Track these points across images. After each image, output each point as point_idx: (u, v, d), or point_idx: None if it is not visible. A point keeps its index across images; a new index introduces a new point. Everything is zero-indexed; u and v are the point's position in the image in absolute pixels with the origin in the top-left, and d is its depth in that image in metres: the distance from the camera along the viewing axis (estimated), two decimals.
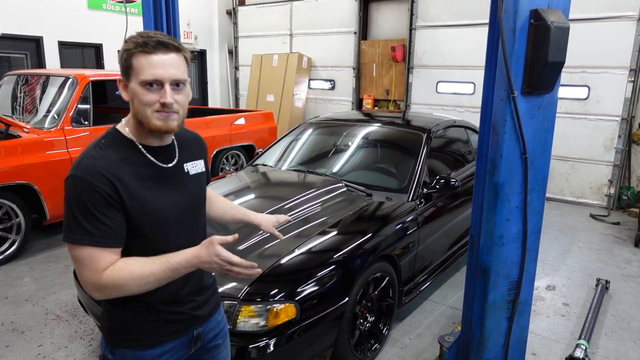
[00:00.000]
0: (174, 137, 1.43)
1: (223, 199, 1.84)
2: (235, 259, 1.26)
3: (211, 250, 1.26)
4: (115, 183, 1.24)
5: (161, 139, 1.37)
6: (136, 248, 1.30)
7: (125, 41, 1.27)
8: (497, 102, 2.10)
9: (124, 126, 1.36)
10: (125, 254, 1.29)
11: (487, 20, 2.25)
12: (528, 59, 2.01)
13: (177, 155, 1.42)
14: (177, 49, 1.27)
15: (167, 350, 1.42)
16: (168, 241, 1.36)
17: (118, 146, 1.31)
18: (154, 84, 1.24)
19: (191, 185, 1.45)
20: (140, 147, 1.33)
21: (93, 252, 1.22)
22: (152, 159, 1.34)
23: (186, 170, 1.44)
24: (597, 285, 3.76)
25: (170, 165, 1.38)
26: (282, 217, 1.85)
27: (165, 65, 1.24)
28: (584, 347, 2.73)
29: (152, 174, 1.34)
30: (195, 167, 1.48)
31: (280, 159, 4.00)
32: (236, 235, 1.32)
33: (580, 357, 2.64)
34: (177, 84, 1.28)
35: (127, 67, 1.26)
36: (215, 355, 1.60)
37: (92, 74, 4.94)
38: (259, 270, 1.33)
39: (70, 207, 1.23)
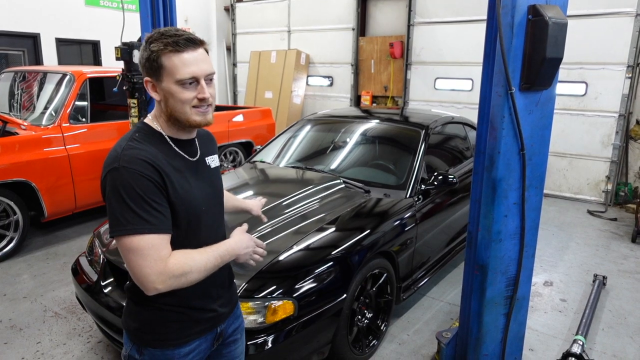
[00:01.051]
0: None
1: None
2: (260, 241, 1.53)
3: (246, 236, 1.46)
4: (160, 171, 1.26)
5: (189, 133, 1.40)
6: (176, 238, 1.31)
7: (148, 42, 1.27)
8: (495, 98, 2.10)
9: (152, 121, 1.37)
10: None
11: (485, 17, 2.25)
12: (526, 55, 2.00)
13: (199, 149, 1.45)
14: (202, 43, 1.31)
15: (195, 348, 1.44)
16: (199, 231, 1.39)
17: (151, 140, 1.33)
18: (192, 82, 1.27)
19: (214, 178, 1.50)
20: (170, 141, 1.35)
21: (155, 240, 1.22)
22: (181, 152, 1.37)
23: (208, 164, 1.48)
24: (594, 281, 3.77)
25: (195, 158, 1.42)
26: (263, 200, 2.03)
27: (198, 61, 1.27)
28: (581, 343, 2.74)
29: (185, 166, 1.36)
30: (214, 160, 1.52)
31: (278, 156, 3.99)
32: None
33: (578, 352, 2.65)
34: (210, 78, 1.32)
35: (157, 68, 1.26)
36: (233, 350, 1.63)
37: (90, 70, 4.92)
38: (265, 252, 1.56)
39: (120, 198, 1.21)
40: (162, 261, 1.22)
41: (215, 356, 1.59)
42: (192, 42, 1.26)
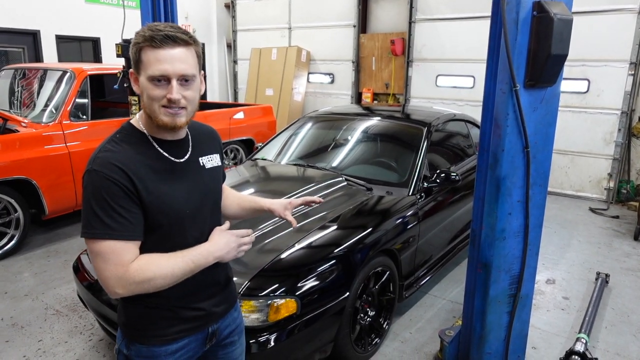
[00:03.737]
0: (188, 131, 1.42)
1: (231, 191, 1.77)
2: (242, 231, 1.41)
3: (225, 235, 1.38)
4: (131, 176, 1.22)
5: (174, 133, 1.35)
6: (153, 243, 1.29)
7: (136, 34, 1.25)
8: (499, 95, 2.08)
9: (138, 120, 1.34)
10: (142, 249, 1.27)
11: (487, 13, 2.23)
12: (531, 51, 1.99)
13: (190, 148, 1.40)
14: (186, 42, 1.24)
15: (183, 346, 1.41)
16: (184, 235, 1.35)
17: (132, 140, 1.30)
18: (161, 80, 1.23)
19: (208, 179, 1.43)
20: (153, 141, 1.32)
21: (115, 246, 1.21)
22: (164, 153, 1.32)
23: (202, 164, 1.43)
24: (597, 279, 3.77)
25: (182, 159, 1.36)
26: (296, 201, 1.75)
27: (173, 60, 1.22)
28: (584, 341, 2.73)
29: (167, 168, 1.32)
30: (211, 160, 1.47)
31: (279, 153, 3.98)
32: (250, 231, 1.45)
33: (581, 350, 2.64)
34: (185, 80, 1.25)
35: (137, 61, 1.25)
36: (230, 352, 1.59)
37: (90, 67, 4.91)
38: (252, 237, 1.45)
39: (88, 201, 1.21)
40: (123, 266, 1.21)
41: (210, 357, 1.56)
42: (171, 39, 1.22)
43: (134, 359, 1.39)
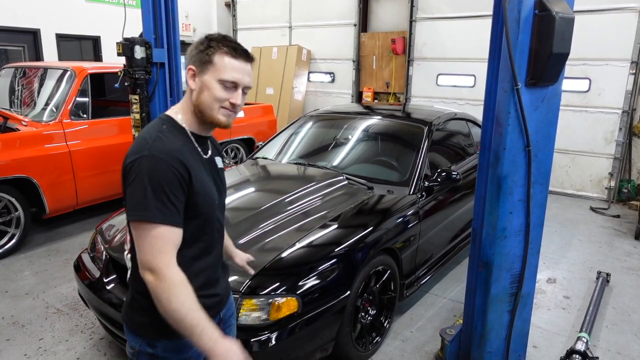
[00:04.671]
0: None
1: None
2: None
3: (239, 353, 1.28)
4: (187, 166, 1.32)
5: (208, 131, 1.46)
6: (192, 228, 1.37)
7: (209, 38, 1.37)
8: (501, 94, 2.08)
9: (177, 113, 1.43)
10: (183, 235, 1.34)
11: (488, 12, 2.24)
12: (532, 50, 1.99)
13: (210, 147, 1.52)
14: (253, 60, 1.42)
15: None
16: (212, 226, 1.45)
17: (176, 133, 1.40)
18: (230, 85, 1.36)
19: (222, 177, 1.58)
20: (191, 136, 1.42)
21: (165, 231, 1.27)
22: (198, 148, 1.43)
23: (217, 163, 1.55)
24: (597, 278, 3.76)
25: (208, 156, 1.48)
26: (251, 258, 1.87)
27: (245, 72, 1.38)
28: (585, 340, 2.73)
29: (201, 162, 1.43)
30: (219, 161, 1.59)
31: (280, 152, 3.98)
32: None
33: (582, 349, 2.64)
34: (245, 91, 1.41)
35: (206, 61, 1.35)
36: (227, 335, 1.61)
37: (91, 66, 4.90)
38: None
39: (142, 184, 1.26)
40: (166, 255, 1.27)
41: None
42: (247, 55, 1.38)
43: (160, 355, 1.41)
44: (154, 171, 1.26)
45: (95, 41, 8.40)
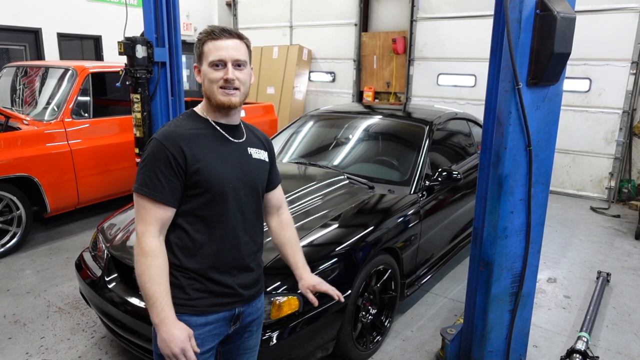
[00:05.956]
0: (243, 126, 1.62)
1: (293, 231, 1.82)
2: (192, 349, 1.40)
3: (185, 331, 1.39)
4: (182, 145, 1.42)
5: (228, 117, 1.55)
6: (198, 206, 1.46)
7: (199, 35, 1.51)
8: (502, 93, 2.08)
9: (200, 109, 1.57)
10: (190, 212, 1.46)
11: (488, 12, 2.25)
12: (533, 50, 1.99)
13: (244, 136, 1.60)
14: (239, 36, 1.50)
15: (211, 322, 1.51)
16: (225, 207, 1.50)
17: (194, 120, 1.53)
18: (219, 64, 1.45)
19: (253, 166, 1.59)
20: (213, 123, 1.53)
21: (145, 203, 1.41)
22: (222, 132, 1.53)
23: (249, 152, 1.60)
24: (598, 278, 3.77)
25: (238, 141, 1.56)
26: (324, 287, 1.75)
27: (228, 48, 1.46)
28: (585, 340, 2.73)
29: (219, 144, 1.51)
30: (259, 154, 1.63)
31: (281, 152, 3.98)
32: None
33: (582, 349, 2.64)
34: (238, 65, 1.47)
35: (200, 54, 1.49)
36: (247, 339, 1.68)
37: (92, 65, 4.90)
38: None
39: (143, 162, 1.45)
40: (145, 224, 1.41)
41: (229, 343, 1.65)
42: (227, 32, 1.47)
43: None
44: (151, 152, 1.43)
45: (97, 40, 8.40)
